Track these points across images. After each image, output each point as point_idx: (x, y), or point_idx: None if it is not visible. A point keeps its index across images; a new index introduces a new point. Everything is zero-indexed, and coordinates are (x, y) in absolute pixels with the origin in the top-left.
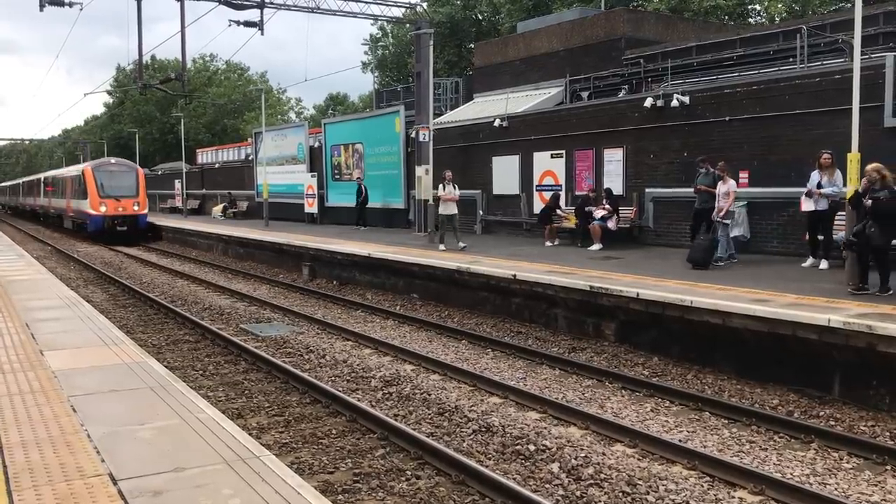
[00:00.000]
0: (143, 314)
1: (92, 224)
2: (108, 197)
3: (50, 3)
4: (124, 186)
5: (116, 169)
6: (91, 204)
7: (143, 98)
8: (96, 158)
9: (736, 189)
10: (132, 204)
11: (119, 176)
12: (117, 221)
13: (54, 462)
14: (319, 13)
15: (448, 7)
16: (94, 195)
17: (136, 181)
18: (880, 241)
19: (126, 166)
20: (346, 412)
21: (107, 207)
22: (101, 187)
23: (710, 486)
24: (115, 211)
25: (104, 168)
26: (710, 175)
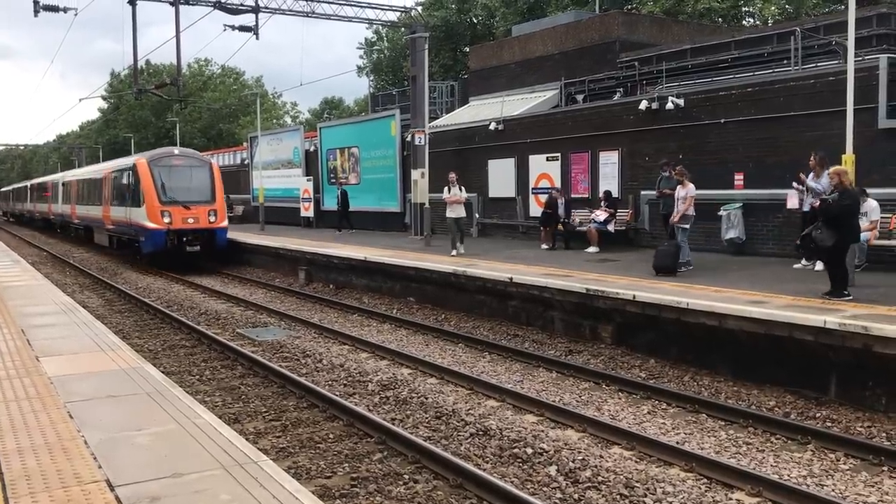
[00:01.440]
0: (139, 319)
1: (149, 242)
2: (172, 203)
3: (45, 9)
4: (195, 188)
5: (183, 163)
6: (148, 213)
7: (139, 103)
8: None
9: (695, 193)
10: (207, 213)
11: (187, 173)
12: (186, 238)
13: (51, 468)
14: (314, 17)
15: (443, 11)
16: (152, 200)
17: (211, 180)
18: (829, 242)
19: (196, 159)
20: (343, 416)
21: (171, 218)
22: (163, 189)
23: (707, 487)
24: (184, 223)
25: (165, 161)
26: (673, 179)
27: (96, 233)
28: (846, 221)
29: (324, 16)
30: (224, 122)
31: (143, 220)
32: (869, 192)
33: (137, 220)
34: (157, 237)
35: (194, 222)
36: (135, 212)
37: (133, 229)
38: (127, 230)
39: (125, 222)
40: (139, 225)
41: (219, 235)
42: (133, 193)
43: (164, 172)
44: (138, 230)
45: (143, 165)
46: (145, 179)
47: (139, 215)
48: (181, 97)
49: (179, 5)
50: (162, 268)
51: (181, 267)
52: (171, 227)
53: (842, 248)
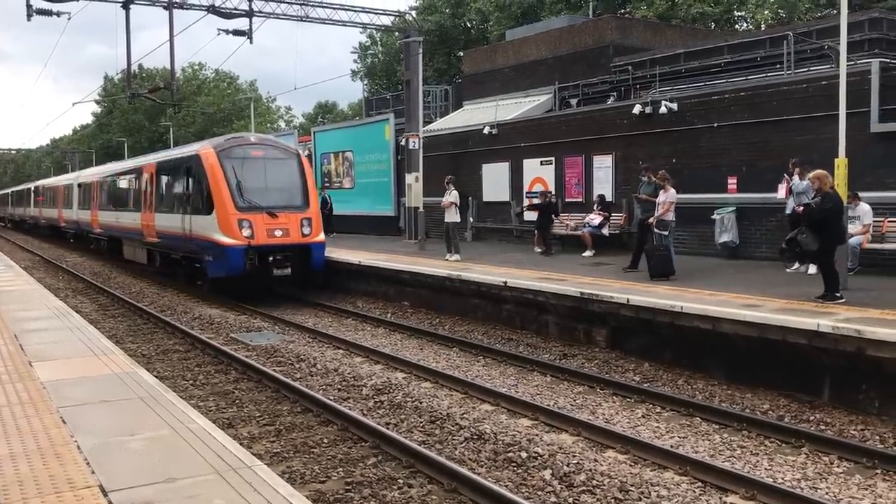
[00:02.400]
0: (132, 324)
1: (220, 263)
2: (253, 209)
3: (38, 13)
4: (283, 188)
5: (264, 153)
6: (221, 223)
7: (132, 107)
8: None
9: (675, 198)
10: (299, 222)
11: (270, 167)
12: (275, 258)
13: (44, 474)
14: (308, 21)
15: (437, 15)
16: (226, 206)
17: (302, 177)
18: (813, 246)
19: (280, 149)
20: (337, 421)
21: (253, 230)
22: (240, 190)
23: (701, 491)
24: (269, 237)
25: (240, 151)
26: (652, 184)
27: (128, 246)
28: (829, 225)
29: (318, 20)
30: (218, 127)
31: (212, 233)
32: (861, 195)
33: (203, 233)
34: (234, 256)
35: (283, 235)
36: (199, 221)
37: (195, 244)
38: (182, 245)
39: (180, 234)
40: (206, 239)
41: (315, 253)
42: (196, 196)
43: (239, 167)
44: (204, 246)
45: (210, 156)
46: (215, 176)
47: (206, 226)
48: (175, 101)
49: (173, 9)
50: (233, 297)
51: (253, 294)
52: (252, 242)
53: (827, 252)
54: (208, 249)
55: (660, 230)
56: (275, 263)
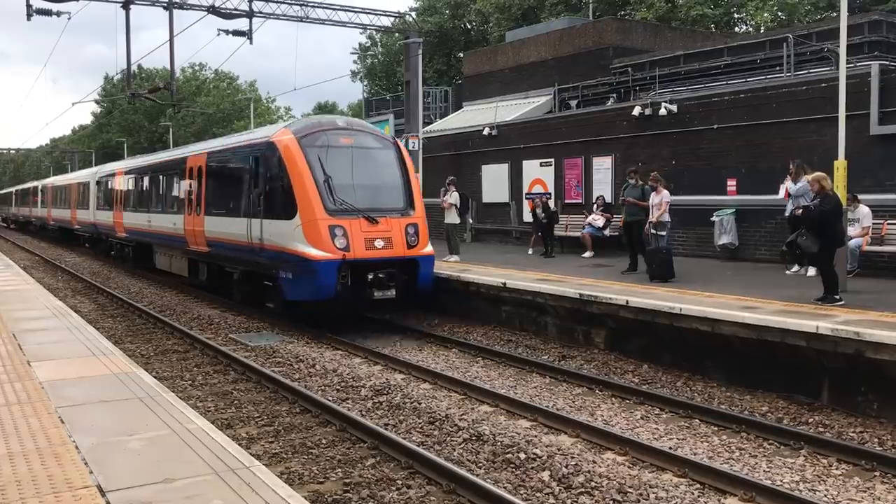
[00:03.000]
0: (131, 324)
1: (304, 282)
2: (346, 212)
3: (38, 12)
4: (382, 185)
5: (355, 141)
6: (308, 230)
7: (132, 107)
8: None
9: (669, 199)
10: (403, 230)
11: (363, 158)
12: (376, 276)
13: (42, 474)
14: (308, 22)
15: (437, 16)
16: (313, 208)
17: (403, 172)
18: (813, 248)
19: (373, 135)
20: (336, 421)
21: (349, 240)
22: (329, 187)
23: (700, 493)
24: (369, 249)
25: (326, 139)
26: (638, 187)
27: (162, 255)
28: (828, 226)
29: (318, 21)
30: (218, 127)
31: (293, 243)
32: (861, 198)
33: (280, 243)
34: (325, 274)
35: (385, 247)
36: (274, 227)
37: (265, 257)
38: (245, 257)
39: (243, 244)
40: (284, 250)
41: (423, 269)
42: (269, 195)
43: (327, 158)
44: (280, 259)
45: (290, 145)
46: (298, 170)
47: (285, 234)
48: (175, 102)
49: (173, 9)
50: (310, 323)
51: (371, 317)
52: (346, 255)
53: (827, 253)
54: (287, 264)
55: (657, 231)
56: (375, 283)
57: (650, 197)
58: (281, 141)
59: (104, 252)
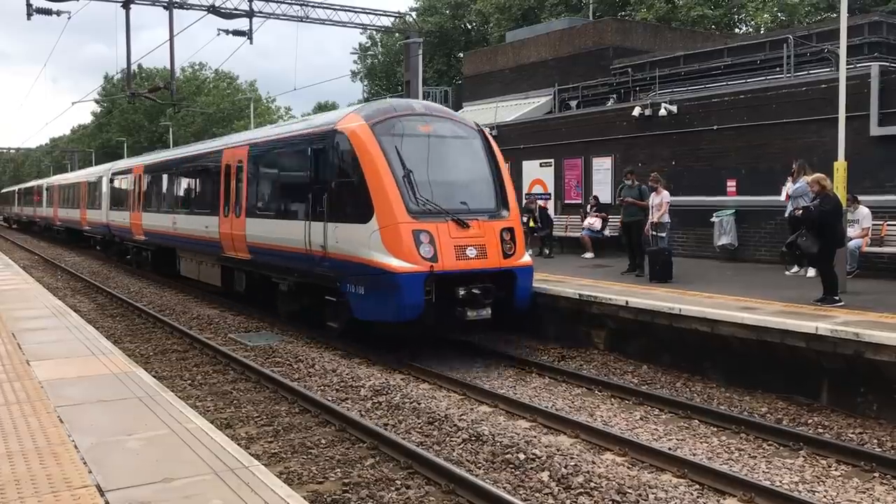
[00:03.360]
0: (130, 324)
1: (382, 299)
2: (431, 214)
3: (38, 12)
4: (467, 182)
5: (434, 129)
6: (386, 236)
7: (132, 107)
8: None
9: (669, 199)
10: (498, 236)
11: (446, 149)
12: (470, 293)
13: (41, 473)
14: (308, 22)
15: (437, 16)
16: (391, 208)
17: (492, 165)
18: (813, 249)
19: (455, 122)
20: (335, 421)
21: (436, 248)
22: (410, 184)
23: (699, 493)
24: (461, 259)
25: (404, 126)
26: (635, 188)
27: (189, 261)
28: (828, 227)
29: (318, 21)
30: (218, 127)
31: (367, 251)
32: (861, 199)
33: (350, 250)
34: (409, 289)
35: (478, 256)
36: (343, 232)
37: (328, 267)
38: (303, 267)
39: (298, 251)
40: (355, 260)
41: (521, 283)
42: (338, 193)
43: (406, 149)
44: (352, 271)
45: (363, 133)
46: (373, 163)
47: (356, 239)
48: (175, 101)
49: (173, 9)
50: (372, 346)
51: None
52: (434, 267)
53: (826, 254)
54: (358, 276)
55: (658, 232)
56: (468, 300)
57: (650, 197)
58: (350, 129)
59: (118, 256)
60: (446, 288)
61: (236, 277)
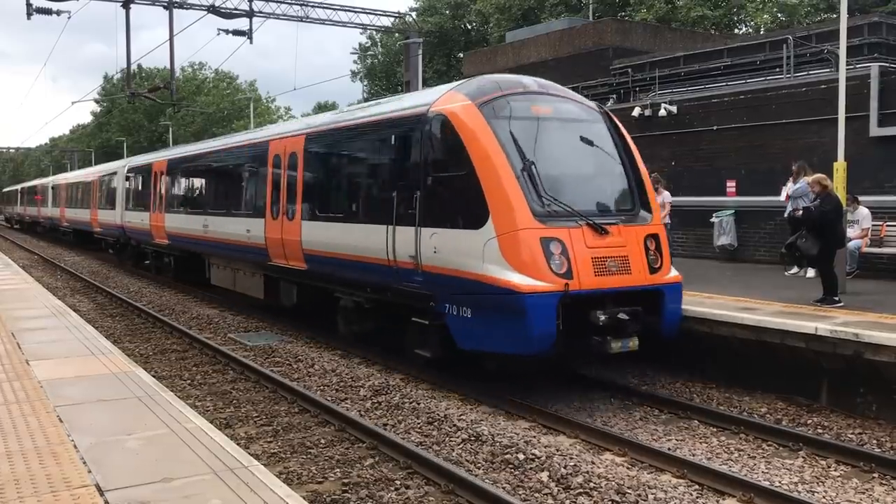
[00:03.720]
0: (130, 324)
1: (502, 326)
2: (561, 217)
3: (38, 11)
4: (596, 175)
5: (553, 111)
6: (506, 246)
7: (131, 106)
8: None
9: (671, 200)
10: (642, 244)
11: (569, 134)
12: (615, 318)
13: (40, 473)
14: (308, 22)
15: (437, 17)
16: (512, 210)
17: (622, 153)
18: (813, 250)
19: (575, 103)
20: (334, 421)
21: (570, 259)
22: (531, 179)
23: (699, 494)
24: (602, 273)
25: (518, 107)
26: None
27: (222, 268)
28: (829, 227)
29: (318, 20)
30: (217, 127)
31: (483, 265)
32: (860, 199)
33: (458, 263)
34: (539, 314)
35: (620, 271)
36: (447, 241)
37: (425, 282)
38: (382, 280)
39: (383, 264)
40: (467, 275)
41: (670, 305)
42: (438, 191)
43: (521, 135)
44: (455, 288)
45: (470, 116)
46: (487, 153)
47: (467, 250)
48: (174, 101)
49: (173, 9)
50: (483, 377)
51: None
52: (570, 285)
53: (826, 254)
54: (466, 296)
55: None
56: (611, 327)
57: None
58: (452, 110)
59: (134, 260)
60: (580, 311)
61: (284, 289)
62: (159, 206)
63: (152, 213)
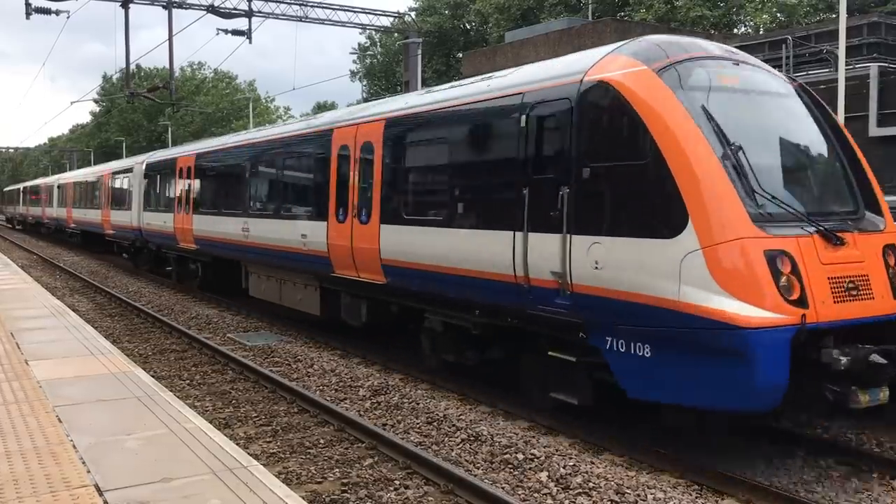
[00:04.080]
0: (129, 323)
1: (711, 377)
2: (783, 222)
3: (37, 11)
4: (810, 165)
5: (748, 83)
6: (717, 264)
7: (131, 106)
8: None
9: None
10: (880, 256)
11: (769, 112)
12: (864, 361)
13: (39, 473)
14: (307, 22)
15: (436, 16)
16: (723, 212)
17: (833, 136)
18: None
19: (769, 74)
20: (334, 421)
21: (802, 279)
22: (742, 174)
23: (698, 494)
24: (843, 298)
25: (704, 75)
26: None
27: (264, 279)
28: None
29: (317, 20)
30: (216, 126)
31: (680, 289)
32: None
33: (636, 285)
34: (769, 358)
35: (861, 295)
36: (613, 252)
37: (576, 306)
38: (506, 303)
39: (508, 281)
40: (650, 301)
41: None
42: (594, 190)
43: (716, 110)
44: (624, 317)
45: (647, 84)
46: (679, 135)
47: (650, 266)
48: (174, 101)
49: (173, 9)
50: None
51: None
52: (806, 318)
53: None
54: (645, 328)
55: None
56: (857, 371)
57: None
58: (621, 80)
59: (151, 266)
60: (810, 349)
61: (349, 306)
62: (186, 207)
63: (177, 215)
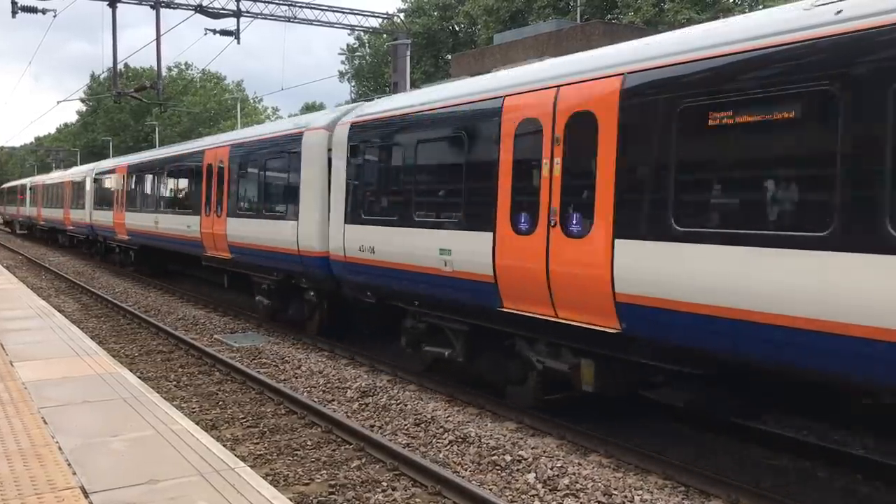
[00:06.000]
0: (115, 324)
1: None
2: None
3: (23, 10)
4: None
5: None
6: None
7: (117, 106)
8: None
9: None
10: None
11: None
12: None
13: (24, 475)
14: (296, 22)
15: (425, 18)
16: None
17: None
18: None
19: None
20: (321, 423)
21: None
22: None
23: (685, 496)
24: None
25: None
26: None
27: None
28: None
29: (305, 21)
30: (204, 127)
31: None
32: None
33: None
34: None
35: None
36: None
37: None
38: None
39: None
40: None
41: None
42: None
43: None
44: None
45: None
46: None
47: None
48: (161, 101)
49: (160, 8)
50: None
51: None
52: None
53: None
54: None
55: None
56: None
57: None
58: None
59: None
60: None
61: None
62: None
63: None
